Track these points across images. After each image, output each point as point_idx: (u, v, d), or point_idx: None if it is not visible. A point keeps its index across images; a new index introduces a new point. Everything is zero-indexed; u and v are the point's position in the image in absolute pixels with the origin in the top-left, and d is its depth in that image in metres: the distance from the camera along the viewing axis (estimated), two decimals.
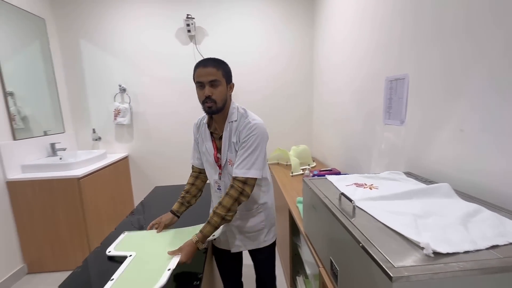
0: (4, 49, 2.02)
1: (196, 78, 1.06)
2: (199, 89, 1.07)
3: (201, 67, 1.04)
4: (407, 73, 1.23)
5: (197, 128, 1.24)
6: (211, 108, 1.06)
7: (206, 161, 1.21)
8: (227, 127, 1.12)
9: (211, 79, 1.04)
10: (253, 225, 1.23)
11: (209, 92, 1.04)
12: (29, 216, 2.00)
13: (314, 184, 1.07)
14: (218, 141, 1.16)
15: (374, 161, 1.57)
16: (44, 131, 2.40)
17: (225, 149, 1.13)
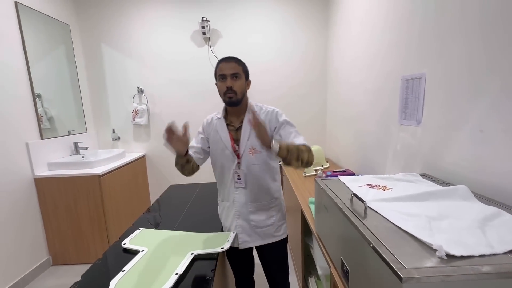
0: (33, 54, 2.16)
1: (218, 72, 1.15)
2: (220, 82, 1.15)
3: (224, 62, 1.15)
4: (424, 72, 1.20)
5: (208, 124, 1.27)
6: (231, 98, 1.14)
7: (220, 153, 1.22)
8: (246, 118, 1.20)
9: (233, 72, 1.14)
10: (264, 219, 1.25)
11: (231, 83, 1.13)
12: (54, 210, 2.12)
13: (326, 184, 1.07)
14: (234, 132, 1.22)
15: (389, 162, 1.54)
16: (68, 131, 2.53)
17: (244, 138, 1.19)
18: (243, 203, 1.23)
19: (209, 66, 2.74)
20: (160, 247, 1.07)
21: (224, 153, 1.21)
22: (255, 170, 1.20)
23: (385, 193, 0.91)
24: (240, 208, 1.23)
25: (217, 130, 1.22)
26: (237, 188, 1.22)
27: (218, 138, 1.22)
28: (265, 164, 1.22)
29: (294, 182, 1.98)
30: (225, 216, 1.29)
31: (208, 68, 2.75)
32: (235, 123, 1.23)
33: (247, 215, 1.23)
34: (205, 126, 1.27)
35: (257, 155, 1.20)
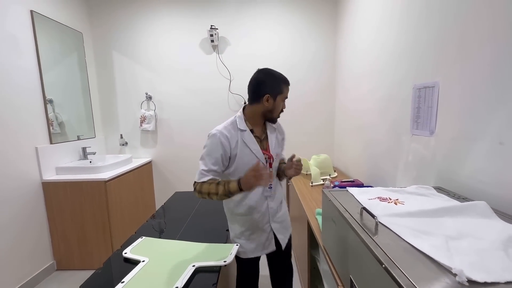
0: (46, 61, 2.21)
1: (285, 92, 1.21)
2: (283, 102, 1.23)
3: (288, 86, 1.23)
4: (437, 80, 1.15)
5: (228, 139, 1.15)
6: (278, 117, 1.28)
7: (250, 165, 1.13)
8: (271, 128, 1.29)
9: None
10: (284, 212, 1.36)
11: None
12: (60, 215, 2.13)
13: (334, 196, 1.03)
14: (259, 143, 1.24)
15: (400, 173, 1.48)
16: (77, 135, 2.57)
17: (272, 146, 1.26)
18: (275, 207, 1.30)
19: (217, 73, 2.75)
20: (161, 257, 1.04)
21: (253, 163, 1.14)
22: (274, 174, 1.31)
23: (397, 207, 0.86)
24: (273, 212, 1.29)
25: (245, 143, 1.17)
26: (267, 196, 1.26)
27: (248, 151, 1.17)
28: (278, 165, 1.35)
29: (301, 192, 1.94)
30: (253, 228, 1.25)
31: (216, 76, 2.76)
32: (259, 135, 1.26)
33: (275, 215, 1.30)
34: (224, 142, 1.14)
35: (276, 160, 1.29)
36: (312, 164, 2.17)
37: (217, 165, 1.14)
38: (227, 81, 2.76)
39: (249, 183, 1.03)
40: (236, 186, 1.06)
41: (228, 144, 1.15)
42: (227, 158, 1.16)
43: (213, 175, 1.13)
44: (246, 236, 1.25)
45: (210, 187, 1.09)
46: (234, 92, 2.77)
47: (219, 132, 1.15)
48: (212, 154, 1.14)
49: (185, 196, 1.92)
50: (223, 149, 1.14)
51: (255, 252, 1.26)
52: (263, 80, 1.19)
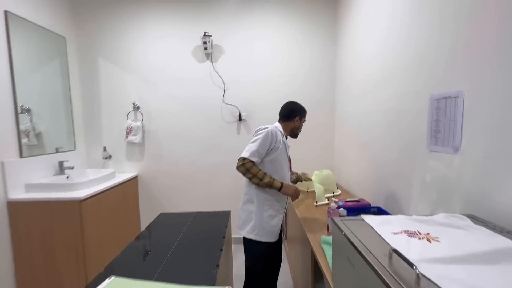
0: (22, 66, 2.02)
1: (305, 117, 1.69)
2: (302, 123, 1.68)
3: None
4: (461, 90, 1.00)
5: (276, 136, 1.52)
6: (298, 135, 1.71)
7: (284, 163, 1.58)
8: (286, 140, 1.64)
9: None
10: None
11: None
12: (26, 240, 1.86)
13: (348, 227, 0.84)
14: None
15: (415, 195, 1.31)
16: (56, 148, 2.34)
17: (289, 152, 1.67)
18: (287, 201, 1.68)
19: (210, 82, 2.60)
20: None
21: (287, 161, 1.61)
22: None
23: (434, 247, 0.68)
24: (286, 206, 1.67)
25: (284, 144, 1.58)
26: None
27: (284, 150, 1.58)
28: None
29: (300, 211, 1.74)
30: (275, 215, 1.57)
31: (209, 85, 2.60)
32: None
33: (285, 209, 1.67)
34: (274, 136, 1.50)
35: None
36: (315, 181, 1.98)
37: (264, 150, 1.48)
38: (221, 90, 2.60)
39: (288, 191, 1.49)
40: (279, 186, 1.47)
41: (275, 139, 1.50)
42: (268, 149, 1.49)
43: (259, 157, 1.47)
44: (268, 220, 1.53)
45: (260, 173, 1.44)
46: (228, 102, 2.60)
47: (272, 130, 1.50)
48: (265, 142, 1.47)
49: (171, 218, 1.69)
50: (270, 141, 1.48)
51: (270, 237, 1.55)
52: (295, 106, 1.66)
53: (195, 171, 2.67)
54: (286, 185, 1.48)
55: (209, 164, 2.64)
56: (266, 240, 1.53)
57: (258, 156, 1.46)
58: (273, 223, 1.54)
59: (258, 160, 1.46)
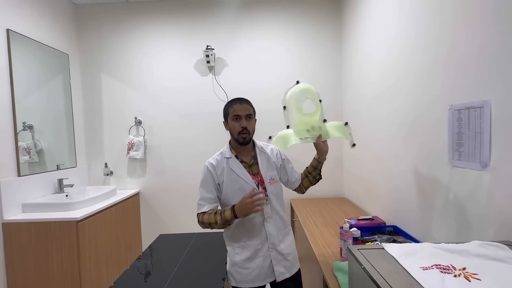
0: (27, 84, 2.02)
1: (232, 112, 1.20)
2: (234, 121, 1.20)
3: (238, 104, 1.21)
4: (487, 99, 0.90)
5: (215, 167, 1.23)
6: (245, 138, 1.20)
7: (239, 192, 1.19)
8: (260, 153, 1.28)
9: (247, 113, 1.21)
10: (289, 244, 1.28)
11: (246, 124, 1.19)
12: (21, 263, 1.77)
13: (367, 259, 0.72)
14: (248, 169, 1.24)
15: (437, 217, 1.18)
16: (57, 165, 2.29)
17: (263, 171, 1.24)
18: (274, 233, 1.23)
19: (213, 96, 2.55)
20: None
21: (245, 189, 1.19)
22: (275, 199, 1.25)
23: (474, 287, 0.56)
24: (273, 240, 1.22)
25: (231, 169, 1.21)
26: (266, 220, 1.22)
27: (235, 176, 1.21)
28: (281, 191, 1.30)
29: (308, 229, 1.61)
30: (253, 256, 1.21)
31: (212, 99, 2.55)
32: (246, 160, 1.26)
33: (278, 245, 1.23)
34: (212, 170, 1.23)
35: (275, 185, 1.26)
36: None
37: (211, 192, 1.22)
38: (224, 103, 2.53)
39: (243, 209, 1.10)
40: (230, 213, 1.12)
41: (215, 172, 1.22)
42: (217, 186, 1.23)
43: (209, 202, 1.21)
44: (243, 264, 1.20)
45: (210, 217, 1.16)
46: None
47: (207, 163, 1.25)
48: (205, 183, 1.23)
49: (172, 239, 1.59)
50: (211, 177, 1.22)
51: (253, 282, 1.20)
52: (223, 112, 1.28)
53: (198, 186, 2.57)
54: (237, 206, 1.11)
55: None
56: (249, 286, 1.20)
57: (207, 201, 1.20)
58: (253, 265, 1.19)
59: (209, 206, 1.20)
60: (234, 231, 1.22)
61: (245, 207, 1.09)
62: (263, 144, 1.33)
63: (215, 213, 1.15)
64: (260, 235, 1.21)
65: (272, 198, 1.24)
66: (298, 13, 2.50)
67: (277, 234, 1.24)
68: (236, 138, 1.20)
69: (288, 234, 1.30)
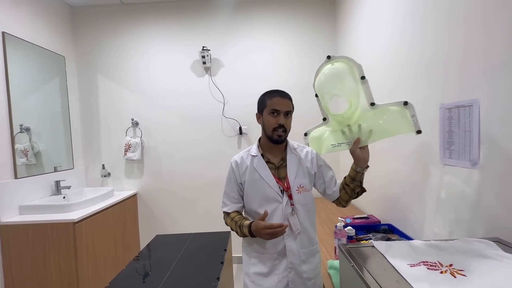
0: (24, 87, 2.02)
1: (272, 106, 1.07)
2: (271, 116, 1.07)
3: (279, 97, 1.08)
4: (475, 98, 0.92)
5: (239, 165, 1.13)
6: (281, 137, 1.07)
7: (261, 196, 1.07)
8: (291, 154, 1.12)
9: (287, 109, 1.08)
10: (313, 268, 1.09)
11: (284, 121, 1.06)
12: (18, 265, 1.78)
13: (357, 257, 0.73)
14: (274, 171, 1.10)
15: (430, 214, 1.19)
16: (54, 167, 2.29)
17: (292, 176, 1.08)
18: (295, 251, 1.06)
19: (209, 96, 2.55)
20: None
21: (267, 194, 1.07)
22: (302, 210, 1.08)
23: (460, 284, 0.57)
24: (294, 258, 1.06)
25: (255, 169, 1.09)
26: (290, 234, 1.06)
27: (258, 177, 1.08)
28: (312, 203, 1.12)
29: None
30: (268, 272, 1.06)
31: (208, 99, 2.55)
32: (274, 161, 1.12)
33: (299, 265, 1.06)
34: (235, 168, 1.13)
35: (304, 194, 1.09)
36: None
37: (233, 191, 1.12)
38: (221, 104, 2.55)
39: (258, 234, 0.98)
40: (247, 231, 1.01)
41: (238, 170, 1.12)
42: (239, 185, 1.12)
43: (232, 202, 1.12)
44: (256, 279, 1.07)
45: (231, 224, 1.08)
46: (228, 116, 2.54)
47: (232, 159, 1.15)
48: (228, 180, 1.14)
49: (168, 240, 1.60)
50: (234, 175, 1.13)
51: None
52: (257, 103, 1.17)
53: (195, 187, 2.58)
54: (253, 228, 0.99)
55: (209, 179, 2.55)
56: None
57: (230, 200, 1.12)
58: (266, 284, 1.05)
59: (232, 206, 1.11)
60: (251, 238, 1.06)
61: (260, 235, 0.97)
62: (297, 145, 1.17)
63: (236, 222, 1.05)
64: (278, 249, 1.05)
65: (300, 209, 1.07)
66: (294, 13, 2.50)
67: (299, 252, 1.06)
68: (270, 135, 1.07)
69: (314, 255, 1.10)
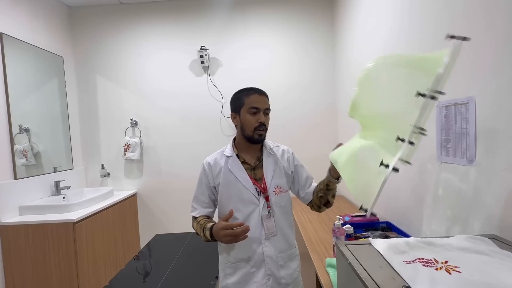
0: (23, 87, 2.03)
1: (250, 103, 1.02)
2: (251, 115, 1.02)
3: (257, 94, 1.04)
4: (472, 96, 0.92)
5: (212, 166, 1.07)
6: (261, 136, 1.04)
7: (236, 198, 1.02)
8: (268, 154, 1.09)
9: (266, 107, 1.05)
10: (291, 272, 1.05)
11: (264, 119, 1.03)
12: (19, 265, 1.79)
13: (353, 255, 0.74)
14: (250, 171, 1.06)
15: (427, 211, 1.20)
16: (54, 167, 2.30)
17: (268, 177, 1.05)
18: (274, 256, 1.01)
19: (208, 96, 2.56)
20: None
21: (243, 196, 1.02)
22: (280, 212, 1.04)
23: (455, 280, 0.58)
24: (272, 265, 1.01)
25: (230, 170, 1.04)
26: (266, 238, 1.01)
27: (232, 179, 1.03)
28: (289, 204, 1.09)
29: (303, 226, 1.63)
30: (245, 281, 1.01)
31: (207, 98, 2.56)
32: (250, 161, 1.07)
33: (278, 271, 1.02)
34: (207, 170, 1.06)
35: (282, 195, 1.05)
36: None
37: (204, 195, 1.07)
38: (219, 104, 2.55)
39: (218, 238, 0.91)
40: (209, 233, 0.94)
41: (211, 173, 1.06)
42: (211, 187, 1.07)
43: (202, 206, 1.06)
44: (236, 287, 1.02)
45: (197, 228, 1.01)
46: (227, 115, 2.55)
47: (205, 161, 1.09)
48: (199, 183, 1.08)
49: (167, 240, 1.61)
50: (206, 178, 1.07)
51: None
52: (230, 100, 1.11)
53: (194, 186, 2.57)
54: (214, 230, 0.92)
55: None
56: None
57: (199, 204, 1.05)
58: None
59: (201, 210, 1.04)
60: (225, 246, 1.01)
61: (222, 239, 0.89)
62: (273, 145, 1.13)
63: (201, 225, 0.98)
64: (255, 256, 1.00)
65: (277, 211, 1.03)
66: (292, 12, 2.50)
67: (277, 257, 1.02)
68: (251, 135, 1.01)
69: (293, 259, 1.07)
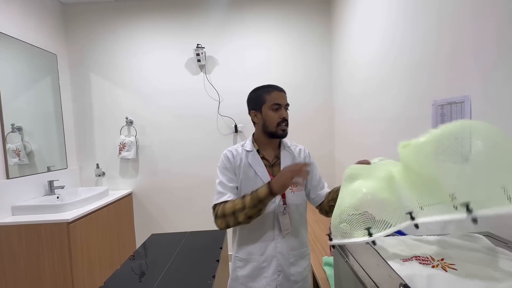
0: (15, 85, 1.99)
1: (272, 100, 1.03)
2: (274, 111, 1.03)
3: (277, 91, 1.05)
4: (467, 95, 0.93)
5: (234, 157, 1.06)
6: (285, 130, 1.04)
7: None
8: (285, 152, 1.09)
9: (287, 103, 1.06)
10: (301, 270, 1.06)
11: (286, 114, 1.04)
12: (11, 267, 1.75)
13: (350, 253, 0.74)
14: (269, 168, 1.06)
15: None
16: (47, 166, 2.27)
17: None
18: (285, 253, 1.03)
19: (204, 94, 2.54)
20: None
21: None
22: (295, 210, 1.05)
23: (451, 278, 0.58)
24: (282, 260, 1.02)
25: (250, 165, 1.04)
26: (279, 235, 1.02)
27: (252, 174, 1.03)
28: (304, 203, 1.10)
29: None
30: (257, 274, 1.02)
31: (203, 97, 2.54)
32: (269, 158, 1.08)
33: (288, 268, 1.03)
34: (230, 158, 1.05)
35: (298, 194, 1.06)
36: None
37: (232, 181, 1.03)
38: (216, 102, 2.54)
39: (282, 179, 0.88)
40: (266, 188, 0.89)
41: (234, 161, 1.05)
42: (235, 175, 1.05)
43: (231, 192, 1.01)
44: (246, 281, 1.02)
45: (235, 203, 0.94)
46: (223, 114, 2.54)
47: (226, 150, 1.09)
48: (225, 170, 1.05)
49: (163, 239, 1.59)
50: (230, 164, 1.05)
51: None
52: (248, 99, 1.11)
53: (190, 186, 2.57)
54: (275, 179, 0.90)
55: (204, 178, 2.55)
56: None
57: (228, 190, 1.01)
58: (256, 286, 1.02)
59: (231, 195, 1.00)
60: (239, 240, 1.04)
61: (286, 174, 0.87)
62: (291, 143, 1.14)
63: (243, 196, 0.94)
64: (267, 252, 1.01)
65: (292, 209, 1.03)
66: (289, 11, 2.50)
67: (289, 254, 1.03)
68: (274, 130, 1.02)
69: (304, 257, 1.07)
